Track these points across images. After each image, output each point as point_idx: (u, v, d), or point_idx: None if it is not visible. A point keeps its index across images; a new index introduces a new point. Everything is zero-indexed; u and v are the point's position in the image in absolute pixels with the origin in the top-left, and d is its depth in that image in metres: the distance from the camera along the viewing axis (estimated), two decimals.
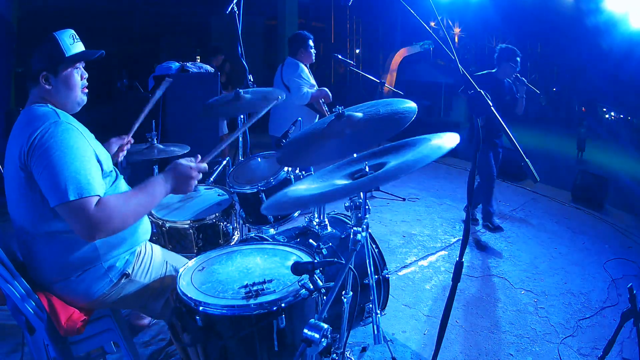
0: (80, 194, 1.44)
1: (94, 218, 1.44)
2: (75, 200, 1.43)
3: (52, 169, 1.45)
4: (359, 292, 2.03)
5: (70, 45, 1.65)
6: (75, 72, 1.67)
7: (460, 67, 1.35)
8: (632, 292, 1.79)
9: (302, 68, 3.98)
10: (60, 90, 1.64)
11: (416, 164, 1.16)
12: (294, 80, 3.91)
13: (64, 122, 1.54)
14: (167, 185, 1.66)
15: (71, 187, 1.44)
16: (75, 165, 1.47)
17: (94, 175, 1.51)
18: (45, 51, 1.62)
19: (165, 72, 4.57)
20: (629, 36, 5.76)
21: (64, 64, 1.64)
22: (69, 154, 1.48)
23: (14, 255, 1.69)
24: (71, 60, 1.65)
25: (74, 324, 1.59)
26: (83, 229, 1.46)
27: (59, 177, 1.44)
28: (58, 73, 1.63)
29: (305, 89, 3.90)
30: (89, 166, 1.52)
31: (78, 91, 1.69)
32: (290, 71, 3.97)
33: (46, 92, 1.63)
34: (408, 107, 1.75)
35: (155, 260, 1.85)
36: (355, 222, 1.42)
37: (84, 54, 1.68)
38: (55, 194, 1.44)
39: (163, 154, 2.56)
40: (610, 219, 4.73)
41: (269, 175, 2.38)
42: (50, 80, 1.62)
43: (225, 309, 1.39)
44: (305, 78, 3.96)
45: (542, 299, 3.10)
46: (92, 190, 1.47)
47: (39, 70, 1.61)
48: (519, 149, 1.29)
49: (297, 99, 3.89)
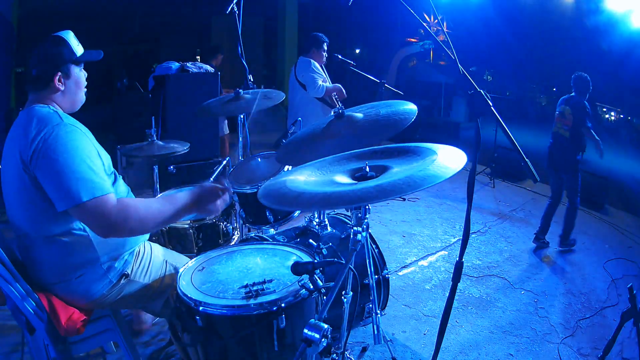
0: (94, 194, 1.44)
1: (112, 216, 1.45)
2: (89, 200, 1.43)
3: (60, 173, 1.44)
4: (359, 292, 2.03)
5: (77, 46, 1.67)
6: (81, 73, 1.70)
7: (460, 67, 1.35)
8: (632, 292, 1.79)
9: (314, 63, 4.07)
10: (71, 91, 1.66)
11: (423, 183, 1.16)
12: (308, 75, 4.00)
13: (68, 124, 1.54)
14: (193, 202, 1.64)
15: (83, 188, 1.43)
16: (83, 167, 1.47)
17: (103, 175, 1.52)
18: (56, 53, 1.62)
19: (165, 72, 4.57)
20: (629, 36, 5.76)
21: (75, 65, 1.66)
22: (76, 156, 1.47)
23: (14, 256, 1.69)
24: (80, 61, 1.67)
25: (74, 324, 1.59)
26: (100, 227, 1.46)
27: (69, 180, 1.44)
28: (70, 74, 1.65)
29: (320, 82, 3.98)
30: (97, 167, 1.52)
31: (82, 93, 1.72)
32: (303, 68, 4.07)
33: (55, 93, 1.62)
34: (408, 108, 1.75)
35: (154, 259, 1.85)
36: (355, 222, 1.42)
37: (90, 55, 1.71)
38: (66, 197, 1.44)
39: (163, 150, 2.56)
40: (610, 219, 4.73)
41: (269, 175, 2.38)
42: (63, 81, 1.63)
43: (225, 309, 1.39)
44: (318, 72, 4.05)
45: (542, 299, 3.10)
46: (105, 189, 1.47)
47: (52, 73, 1.60)
48: (519, 149, 1.29)
49: (313, 92, 3.99)
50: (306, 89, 4.04)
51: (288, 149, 1.93)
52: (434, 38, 1.39)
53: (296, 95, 4.18)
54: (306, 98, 4.09)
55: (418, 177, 1.19)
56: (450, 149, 1.37)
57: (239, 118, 2.94)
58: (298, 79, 4.11)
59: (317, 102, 4.10)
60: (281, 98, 2.64)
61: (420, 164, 1.30)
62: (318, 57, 4.14)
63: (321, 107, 4.14)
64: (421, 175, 1.20)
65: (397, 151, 1.48)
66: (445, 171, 1.21)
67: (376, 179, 1.31)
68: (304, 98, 4.12)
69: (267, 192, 1.37)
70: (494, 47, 8.01)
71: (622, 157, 6.81)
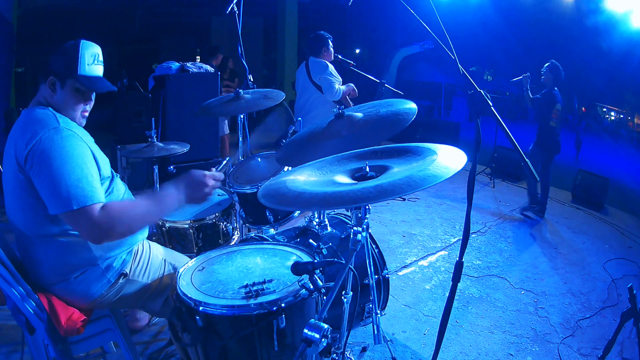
0: (84, 202, 1.44)
1: (98, 224, 1.45)
2: (78, 209, 1.44)
3: (52, 178, 1.44)
4: (359, 292, 2.03)
5: (88, 65, 1.62)
6: (78, 93, 1.63)
7: (460, 67, 1.35)
8: (632, 292, 1.79)
9: (330, 66, 4.07)
10: (60, 101, 1.62)
11: (423, 183, 1.16)
12: (326, 79, 3.99)
13: (64, 129, 1.53)
14: (180, 193, 1.63)
15: (73, 196, 1.44)
16: (76, 174, 1.47)
17: (95, 184, 1.51)
18: (63, 56, 1.60)
19: (165, 72, 4.57)
20: (629, 36, 5.76)
21: (73, 80, 1.61)
22: (69, 162, 1.47)
23: (14, 256, 1.69)
24: (79, 81, 1.61)
25: (73, 324, 1.59)
26: (88, 234, 1.48)
27: (61, 186, 1.44)
28: (65, 85, 1.61)
29: (337, 85, 3.99)
30: (90, 174, 1.51)
31: (77, 113, 1.66)
32: (319, 70, 4.05)
33: (49, 95, 1.62)
34: (408, 108, 1.75)
35: (153, 259, 1.84)
36: (355, 222, 1.42)
37: (92, 83, 1.63)
38: (57, 203, 1.44)
39: (163, 151, 2.56)
40: (610, 219, 4.73)
41: (269, 175, 2.38)
42: (56, 87, 1.61)
43: (225, 309, 1.38)
44: (335, 75, 4.05)
45: (542, 299, 3.10)
46: (95, 198, 1.47)
47: (49, 72, 1.59)
48: (519, 149, 1.29)
49: (330, 96, 3.99)
50: (322, 91, 4.03)
51: (288, 149, 1.93)
52: (434, 38, 1.39)
53: (310, 96, 4.16)
54: (321, 100, 4.09)
55: (418, 177, 1.19)
56: (450, 149, 1.37)
57: (239, 118, 2.94)
58: (313, 81, 4.09)
59: (332, 103, 4.10)
60: (281, 98, 2.64)
61: (420, 164, 1.30)
62: (328, 56, 4.14)
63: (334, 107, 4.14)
64: (421, 175, 1.20)
65: (397, 151, 1.47)
66: (445, 171, 1.21)
67: (376, 179, 1.31)
68: (318, 99, 4.11)
69: (267, 192, 1.37)
70: (494, 47, 8.02)
71: (622, 157, 6.81)
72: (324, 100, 4.06)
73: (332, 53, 4.16)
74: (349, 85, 4.10)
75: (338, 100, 4.03)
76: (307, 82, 4.14)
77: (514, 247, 3.94)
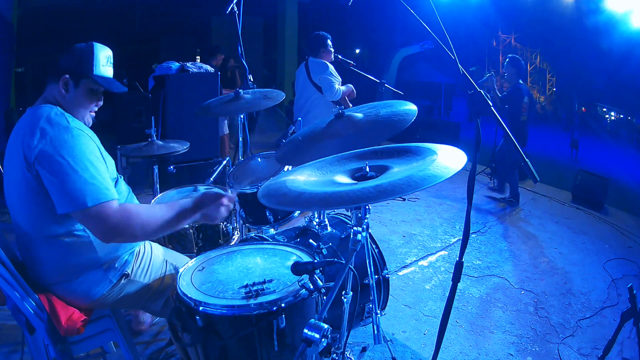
0: (99, 200, 1.45)
1: (114, 222, 1.45)
2: (94, 206, 1.44)
3: (65, 177, 1.44)
4: (359, 292, 2.03)
5: (102, 66, 1.65)
6: (92, 93, 1.66)
7: (460, 67, 1.35)
8: (632, 292, 1.79)
9: (330, 66, 4.08)
10: (73, 101, 1.63)
11: (423, 183, 1.16)
12: (326, 79, 4.00)
13: (74, 128, 1.53)
14: (194, 210, 1.63)
15: (88, 193, 1.44)
16: (89, 172, 1.47)
17: (108, 181, 1.52)
18: (78, 56, 1.61)
19: (165, 72, 4.57)
20: (629, 36, 5.77)
21: (88, 80, 1.63)
22: (82, 160, 1.47)
23: (14, 256, 1.69)
24: (96, 81, 1.63)
25: (74, 324, 1.59)
26: (102, 232, 1.47)
27: (74, 185, 1.44)
28: (79, 85, 1.62)
29: (337, 86, 3.99)
30: (102, 171, 1.52)
31: (87, 112, 1.68)
32: (319, 71, 4.06)
33: (60, 95, 1.62)
34: (408, 109, 1.75)
35: (154, 259, 1.85)
36: (355, 222, 1.42)
37: (109, 84, 1.66)
38: (70, 201, 1.44)
39: (163, 150, 2.56)
40: (610, 219, 4.73)
41: (269, 175, 2.38)
42: (69, 87, 1.62)
43: (225, 309, 1.38)
44: (335, 75, 4.06)
45: (542, 299, 3.10)
46: (109, 195, 1.48)
47: (62, 72, 1.60)
48: (519, 149, 1.29)
49: (330, 97, 4.00)
50: (322, 91, 4.04)
51: (288, 149, 1.93)
52: (434, 38, 1.39)
53: (309, 96, 4.16)
54: (320, 100, 4.10)
55: (418, 177, 1.19)
56: (450, 149, 1.37)
57: (239, 118, 2.94)
58: (313, 81, 4.09)
59: (331, 103, 4.10)
60: (281, 98, 2.64)
61: (420, 164, 1.30)
62: (327, 56, 4.14)
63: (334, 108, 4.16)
64: (421, 175, 1.20)
65: (397, 151, 1.47)
66: (445, 171, 1.21)
67: (376, 179, 1.31)
68: (318, 100, 4.12)
69: (267, 192, 1.37)
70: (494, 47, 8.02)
71: (622, 157, 6.81)
72: (323, 100, 4.07)
73: (331, 53, 4.16)
74: (348, 86, 4.10)
75: (337, 100, 4.04)
76: (307, 82, 4.14)
77: (514, 247, 3.94)
